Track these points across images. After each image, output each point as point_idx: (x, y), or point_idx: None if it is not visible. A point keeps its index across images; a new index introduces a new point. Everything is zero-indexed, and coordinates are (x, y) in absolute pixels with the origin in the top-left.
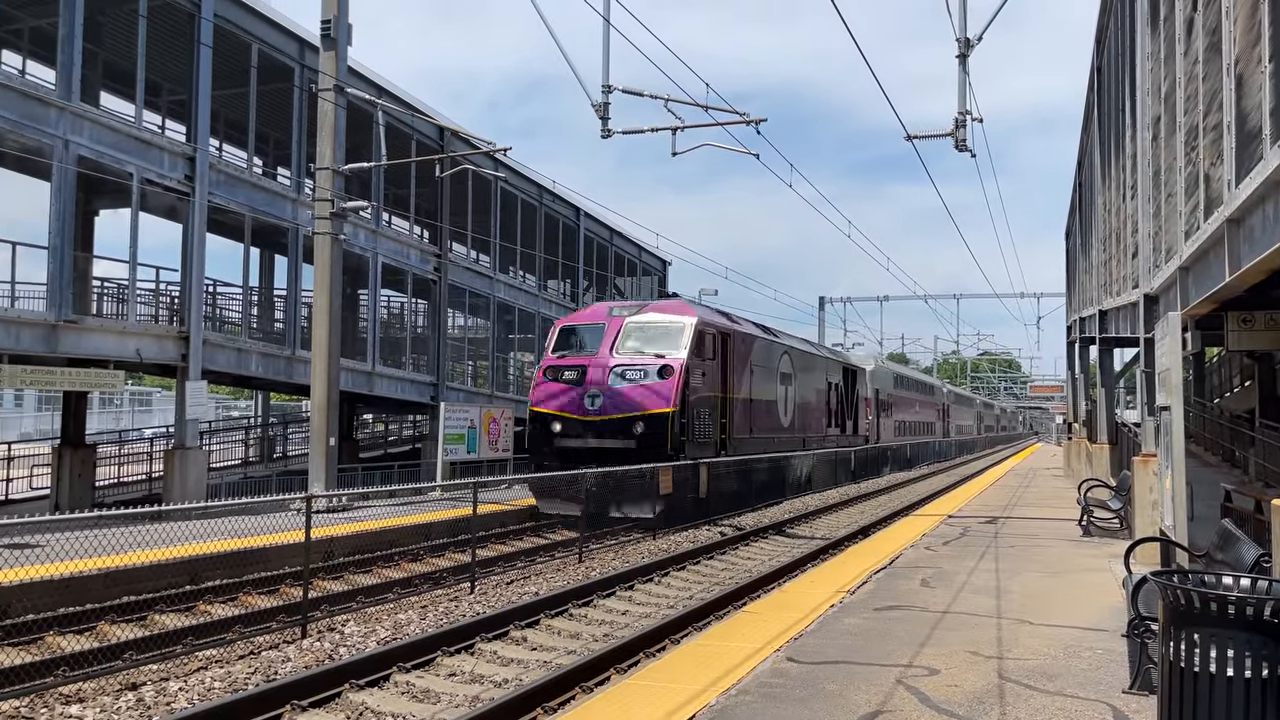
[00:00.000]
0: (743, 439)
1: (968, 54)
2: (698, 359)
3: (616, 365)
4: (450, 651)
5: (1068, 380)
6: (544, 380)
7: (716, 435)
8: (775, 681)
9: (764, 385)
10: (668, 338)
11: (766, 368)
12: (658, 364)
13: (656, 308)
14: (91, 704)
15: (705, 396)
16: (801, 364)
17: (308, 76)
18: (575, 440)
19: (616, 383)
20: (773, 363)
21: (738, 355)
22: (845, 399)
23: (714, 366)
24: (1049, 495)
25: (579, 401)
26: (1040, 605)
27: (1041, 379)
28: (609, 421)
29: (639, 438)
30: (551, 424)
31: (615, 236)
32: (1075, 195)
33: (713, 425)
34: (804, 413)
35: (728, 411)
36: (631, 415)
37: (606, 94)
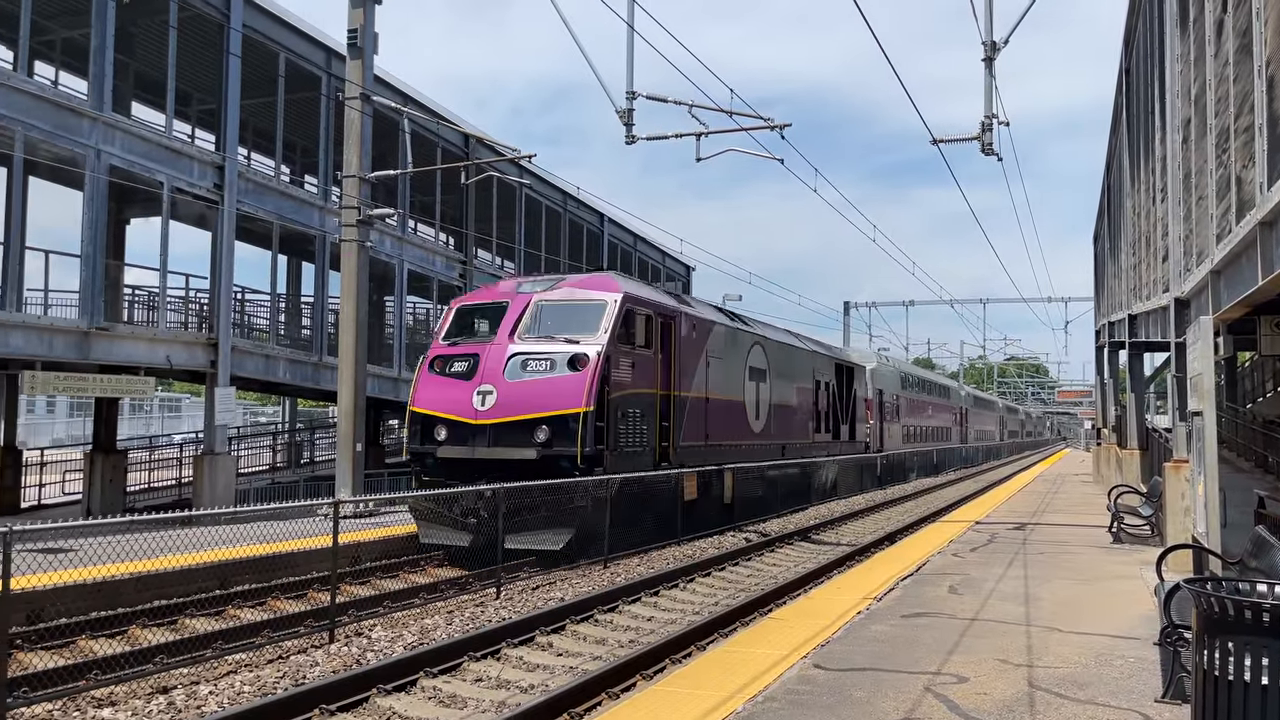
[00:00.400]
0: (693, 447)
1: (994, 57)
2: (624, 346)
3: (517, 354)
4: (476, 657)
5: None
6: (428, 374)
7: (654, 442)
8: (802, 689)
9: (726, 382)
10: (584, 320)
11: (729, 361)
12: (569, 352)
13: (576, 282)
14: (123, 707)
15: (636, 394)
16: (779, 358)
17: (335, 85)
18: (461, 449)
19: (515, 375)
20: (738, 355)
21: (687, 344)
22: (839, 401)
23: (649, 357)
24: (1078, 501)
25: (467, 400)
26: (1070, 613)
27: (1069, 384)
28: (503, 425)
29: (542, 445)
30: (434, 428)
31: (639, 242)
32: (1103, 198)
33: (648, 430)
34: (782, 416)
35: (671, 413)
36: (532, 417)
37: (631, 100)
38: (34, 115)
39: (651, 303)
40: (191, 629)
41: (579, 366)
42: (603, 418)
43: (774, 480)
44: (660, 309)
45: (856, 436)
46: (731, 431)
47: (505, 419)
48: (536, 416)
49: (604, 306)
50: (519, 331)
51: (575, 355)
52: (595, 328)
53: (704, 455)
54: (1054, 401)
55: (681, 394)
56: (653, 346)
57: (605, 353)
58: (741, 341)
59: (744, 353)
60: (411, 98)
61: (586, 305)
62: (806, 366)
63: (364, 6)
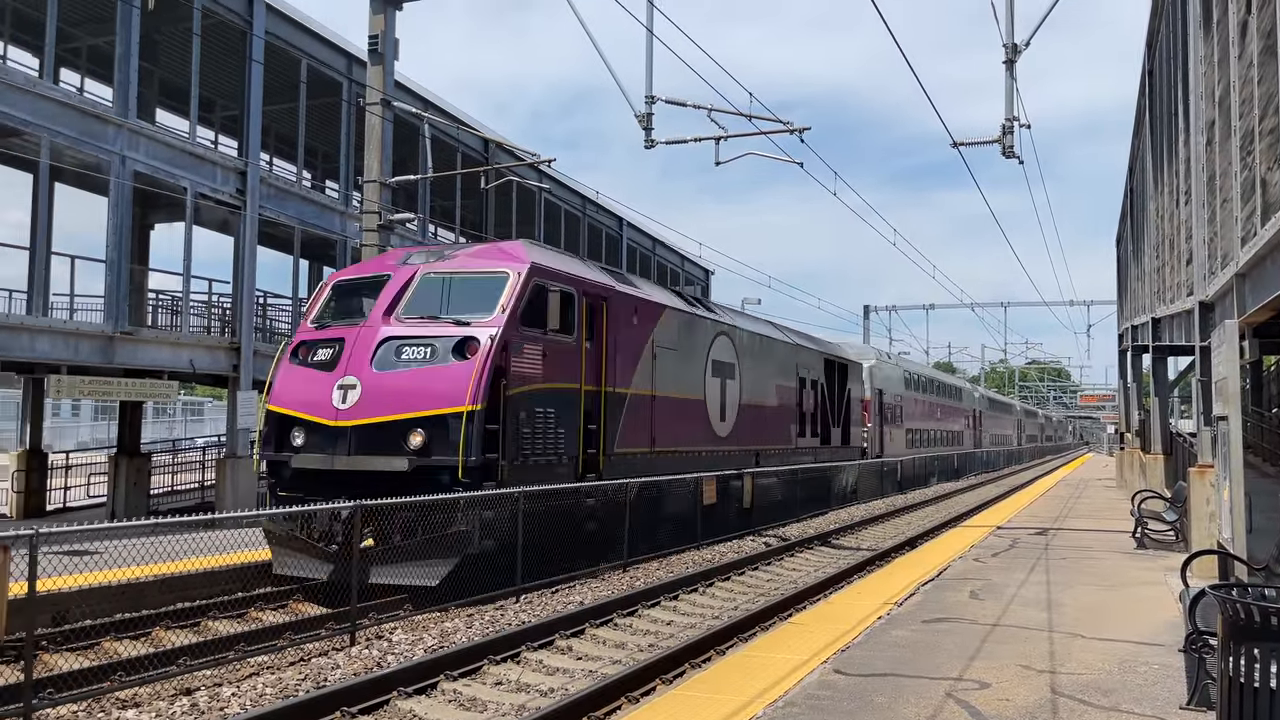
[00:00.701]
0: (633, 455)
1: (1015, 60)
2: (532, 330)
3: (391, 338)
4: (496, 660)
5: (1119, 389)
6: (289, 364)
7: (577, 450)
8: (823, 694)
9: (681, 377)
10: (479, 296)
11: (686, 353)
12: (455, 336)
13: (475, 253)
14: (147, 708)
15: (549, 390)
16: (753, 351)
17: (356, 91)
18: (318, 457)
19: (387, 366)
20: (698, 346)
21: (626, 331)
22: (830, 401)
23: (570, 345)
24: (1101, 507)
25: (326, 396)
26: (1093, 619)
27: (1092, 388)
28: (369, 429)
29: (416, 453)
30: (290, 431)
31: (658, 246)
32: (1126, 201)
33: (567, 434)
34: (756, 418)
35: (603, 414)
36: (404, 418)
37: (650, 104)
38: (60, 122)
39: (572, 278)
40: (215, 631)
41: (467, 354)
42: (497, 419)
43: (792, 484)
44: (587, 286)
45: (851, 441)
46: (688, 435)
47: (371, 420)
48: (409, 417)
49: (503, 281)
50: (398, 311)
51: (463, 340)
52: (491, 306)
53: (649, 464)
54: (1076, 406)
55: (618, 390)
56: (575, 332)
57: (502, 337)
58: (702, 330)
59: (706, 344)
60: (431, 103)
61: (482, 279)
62: (788, 361)
63: (385, 12)
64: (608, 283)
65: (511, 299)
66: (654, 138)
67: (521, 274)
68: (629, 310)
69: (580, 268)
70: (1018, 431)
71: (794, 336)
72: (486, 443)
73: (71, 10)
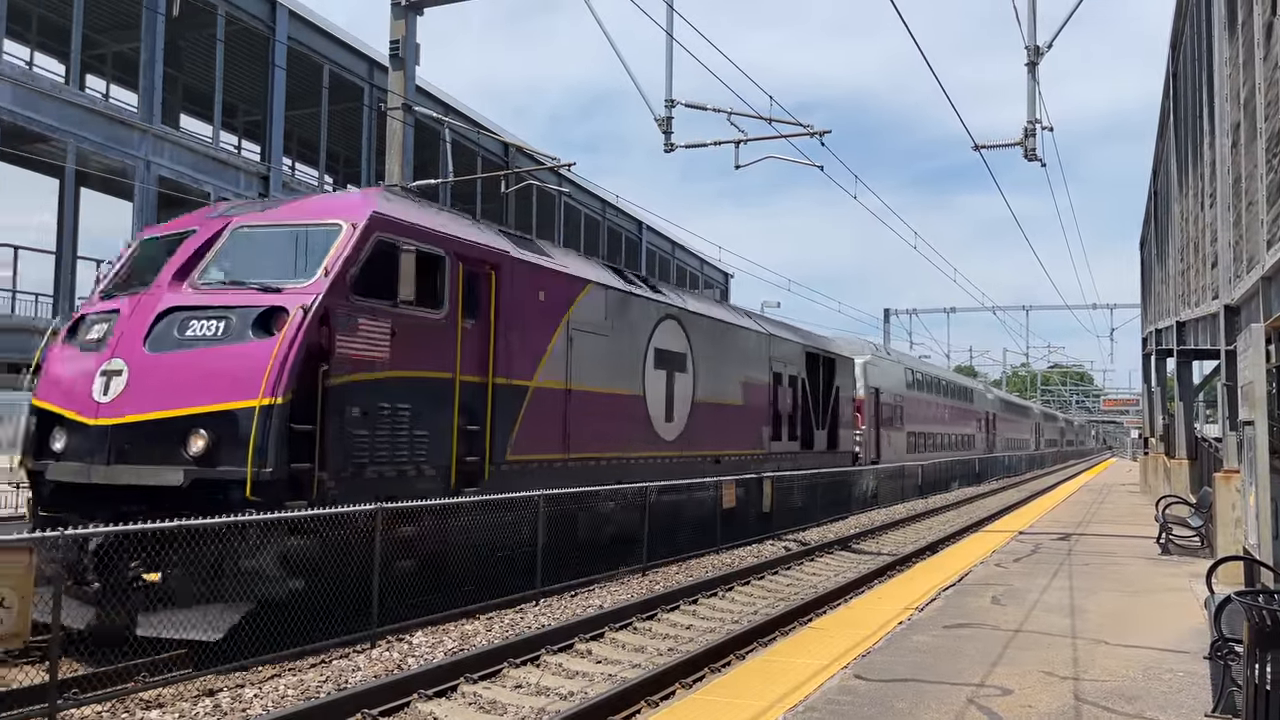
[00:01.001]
0: (538, 463)
1: (1037, 62)
2: (370, 301)
3: (175, 309)
4: (516, 663)
5: (1143, 393)
6: (61, 345)
7: (450, 456)
8: (843, 699)
9: (610, 368)
10: (299, 255)
11: (619, 339)
12: (257, 307)
13: (309, 201)
14: (171, 708)
15: (402, 380)
16: (712, 339)
17: (377, 95)
18: (74, 466)
19: (165, 346)
20: (635, 332)
21: (529, 308)
22: (815, 401)
23: (437, 323)
24: (1125, 512)
25: (87, 386)
26: (1117, 625)
27: (1115, 392)
28: (132, 429)
29: (197, 462)
30: (50, 433)
31: (677, 249)
32: (1150, 204)
33: (433, 438)
34: (716, 419)
35: (492, 412)
36: (180, 415)
37: (669, 108)
38: (85, 128)
39: (440, 237)
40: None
41: (272, 330)
42: (312, 417)
43: (812, 489)
44: (462, 249)
45: (840, 445)
46: (620, 439)
47: (137, 417)
48: (188, 413)
49: (333, 235)
50: (195, 275)
51: (267, 312)
52: (312, 268)
53: (562, 474)
54: (1099, 410)
55: (514, 383)
56: (447, 306)
57: (321, 308)
58: (642, 313)
59: (647, 329)
60: (452, 107)
61: (306, 232)
62: (759, 353)
63: (406, 18)
64: (498, 246)
65: (339, 259)
66: (674, 141)
67: (358, 226)
68: (532, 283)
69: (459, 225)
70: (1036, 435)
71: (768, 325)
72: (294, 449)
73: (97, 17)
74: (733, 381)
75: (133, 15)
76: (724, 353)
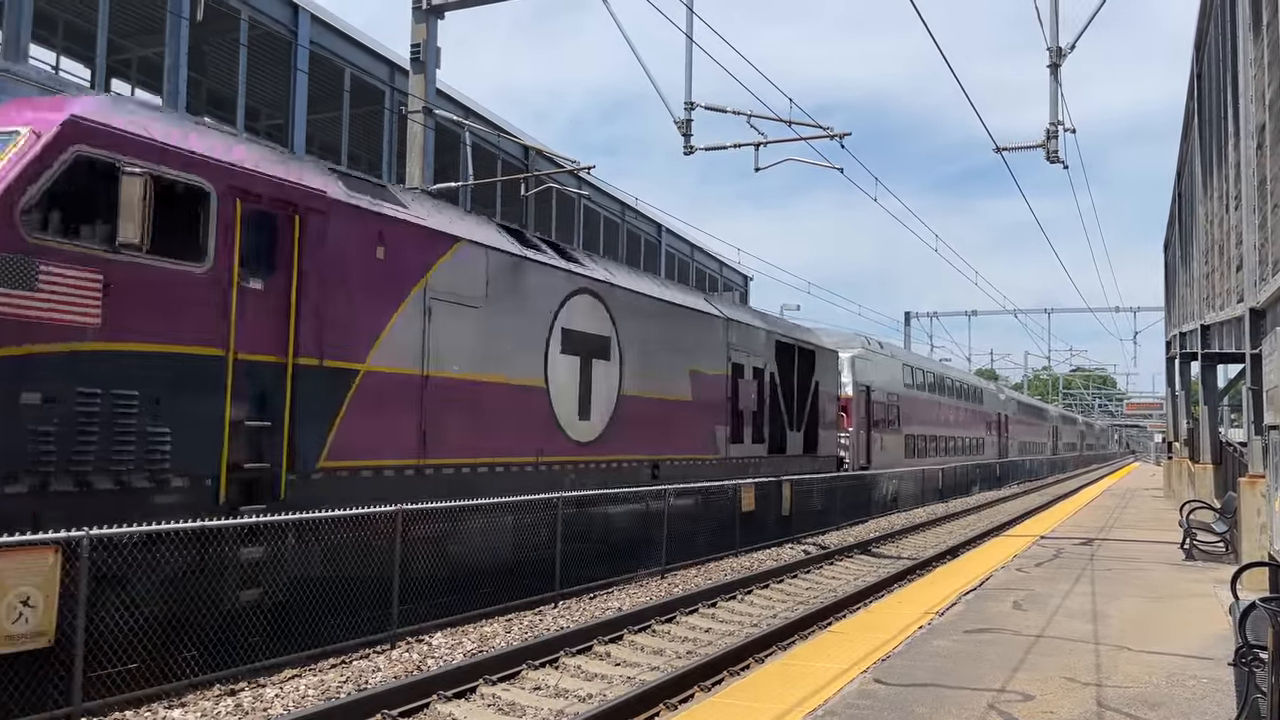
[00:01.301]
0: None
1: (1060, 63)
2: (56, 242)
3: None
4: (535, 665)
5: (1167, 397)
6: None
7: (219, 464)
8: (863, 703)
9: (490, 351)
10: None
11: (505, 314)
12: None
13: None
14: (193, 708)
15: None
16: (646, 322)
17: (398, 99)
18: None
19: None
20: (534, 307)
21: (358, 268)
22: (789, 398)
23: (197, 278)
24: (1148, 517)
25: None
26: (1140, 631)
27: (1139, 396)
28: None
29: None
30: None
31: (696, 252)
32: (1174, 206)
33: (181, 438)
34: (652, 417)
35: (294, 403)
36: None
37: (689, 111)
38: None
39: (204, 163)
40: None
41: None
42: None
43: (831, 492)
44: (244, 181)
45: (820, 449)
46: (508, 440)
47: None
48: None
49: (4, 145)
50: None
51: None
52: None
53: (420, 484)
54: (1122, 414)
55: (332, 365)
56: (213, 257)
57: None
58: (542, 285)
59: (551, 305)
60: (472, 110)
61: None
62: (713, 341)
63: (427, 21)
64: (308, 183)
65: (3, 180)
66: (693, 144)
67: (43, 135)
68: (364, 235)
69: (243, 151)
70: (1053, 439)
71: (726, 309)
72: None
73: (122, 22)
74: (677, 373)
75: (157, 20)
76: (665, 338)
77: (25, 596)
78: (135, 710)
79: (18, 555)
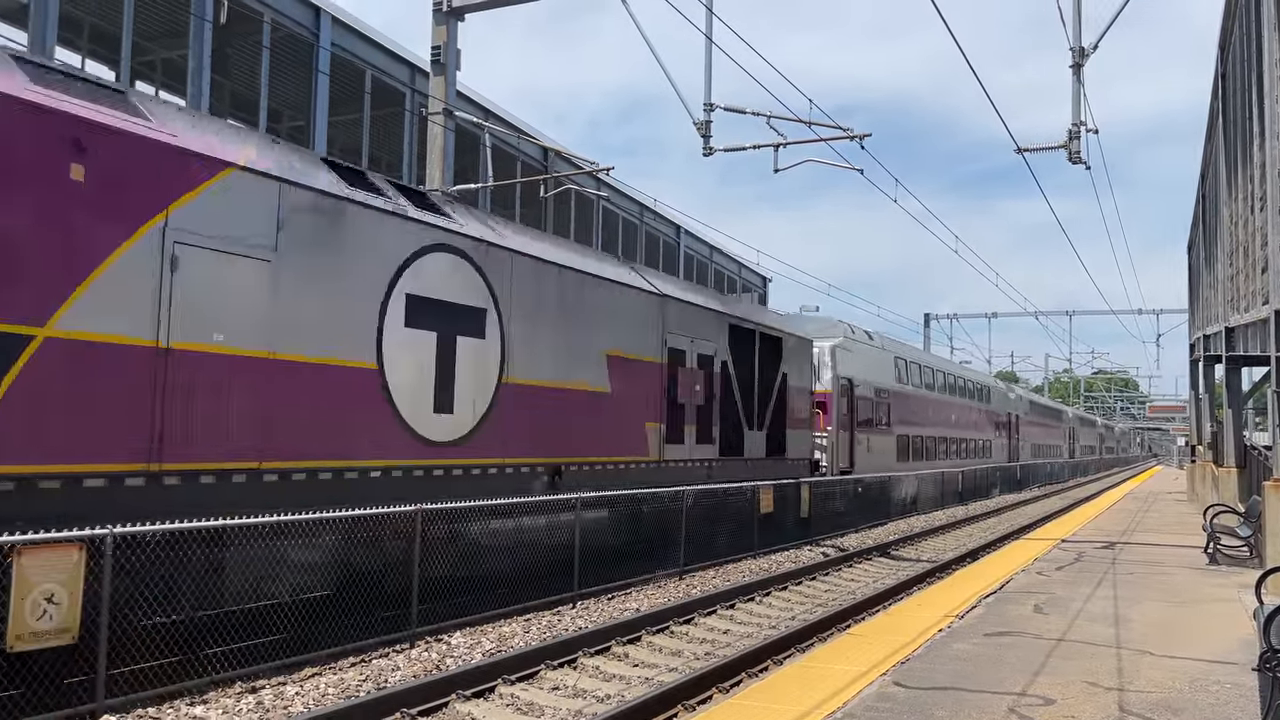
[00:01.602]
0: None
1: (1082, 63)
2: None
3: None
4: (553, 665)
5: (1190, 400)
6: None
7: None
8: (881, 706)
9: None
10: None
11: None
12: None
13: None
14: (214, 705)
15: None
16: (536, 291)
17: (418, 101)
18: None
19: None
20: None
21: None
22: (747, 393)
23: None
24: (1171, 521)
25: None
26: (1163, 635)
27: (1161, 398)
28: None
29: None
30: None
31: (715, 253)
32: (1198, 207)
33: None
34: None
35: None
36: None
37: (708, 112)
38: None
39: None
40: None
41: None
42: None
43: (851, 495)
44: None
45: (788, 451)
46: (310, 439)
47: None
48: None
49: None
50: None
51: None
52: None
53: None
54: (1145, 417)
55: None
56: None
57: None
58: (375, 237)
59: (387, 264)
60: (492, 112)
61: None
62: (642, 322)
63: (447, 23)
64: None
65: None
66: (712, 145)
67: None
68: (48, 145)
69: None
70: (1070, 442)
71: (664, 284)
72: None
73: (147, 25)
74: (588, 358)
75: (181, 23)
76: (571, 315)
77: (50, 594)
78: (158, 707)
79: (42, 553)
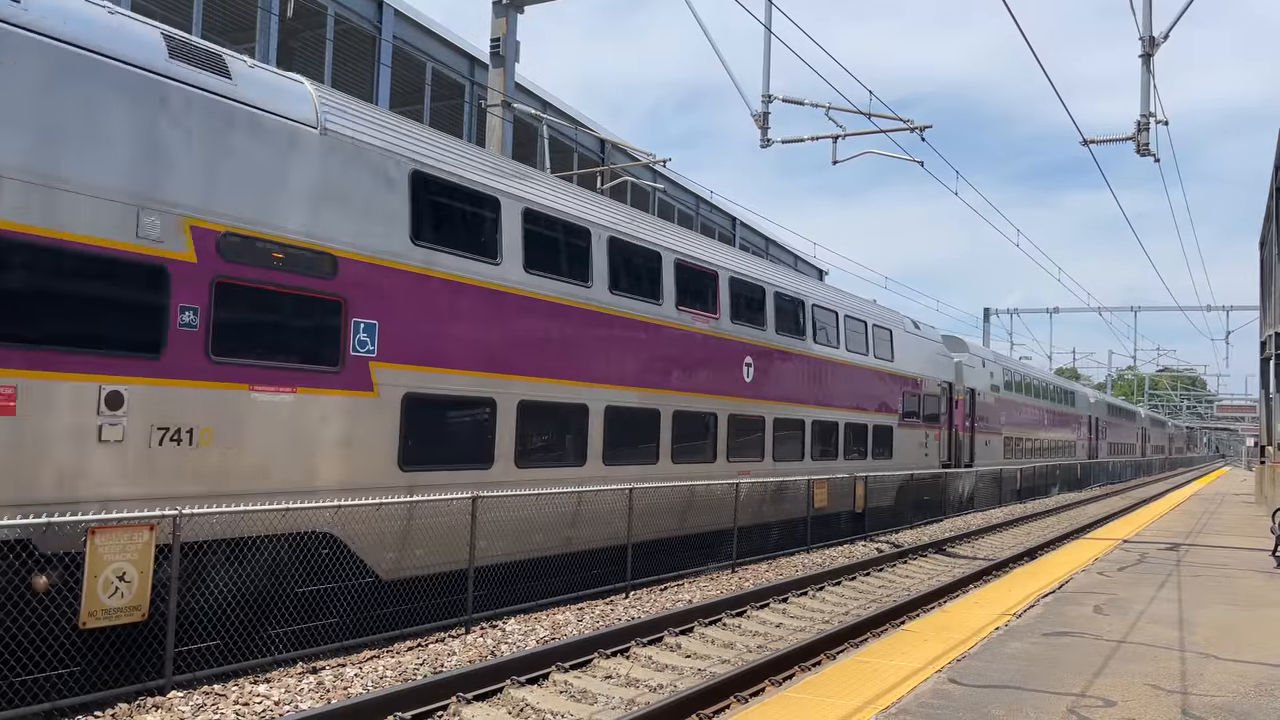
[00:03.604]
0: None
1: (1152, 53)
2: None
3: None
4: (606, 654)
5: (1261, 400)
6: None
7: None
8: (937, 703)
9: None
10: None
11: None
12: None
13: None
14: (277, 684)
15: None
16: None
17: (477, 93)
18: None
19: None
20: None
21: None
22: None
23: None
24: (1238, 522)
25: None
26: (1228, 639)
27: (1230, 398)
28: None
29: None
30: None
31: (771, 245)
32: (1271, 201)
33: None
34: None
35: None
36: None
37: (766, 103)
38: None
39: None
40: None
41: None
42: None
43: (905, 490)
44: None
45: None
46: None
47: None
48: None
49: None
50: None
51: None
52: None
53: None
54: (1213, 416)
55: None
56: None
57: None
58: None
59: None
60: (550, 104)
61: None
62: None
63: (506, 16)
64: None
65: None
66: (770, 137)
67: None
68: None
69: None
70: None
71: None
72: None
73: (215, 19)
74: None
75: (248, 17)
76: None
77: (121, 572)
78: (223, 684)
79: (115, 532)
